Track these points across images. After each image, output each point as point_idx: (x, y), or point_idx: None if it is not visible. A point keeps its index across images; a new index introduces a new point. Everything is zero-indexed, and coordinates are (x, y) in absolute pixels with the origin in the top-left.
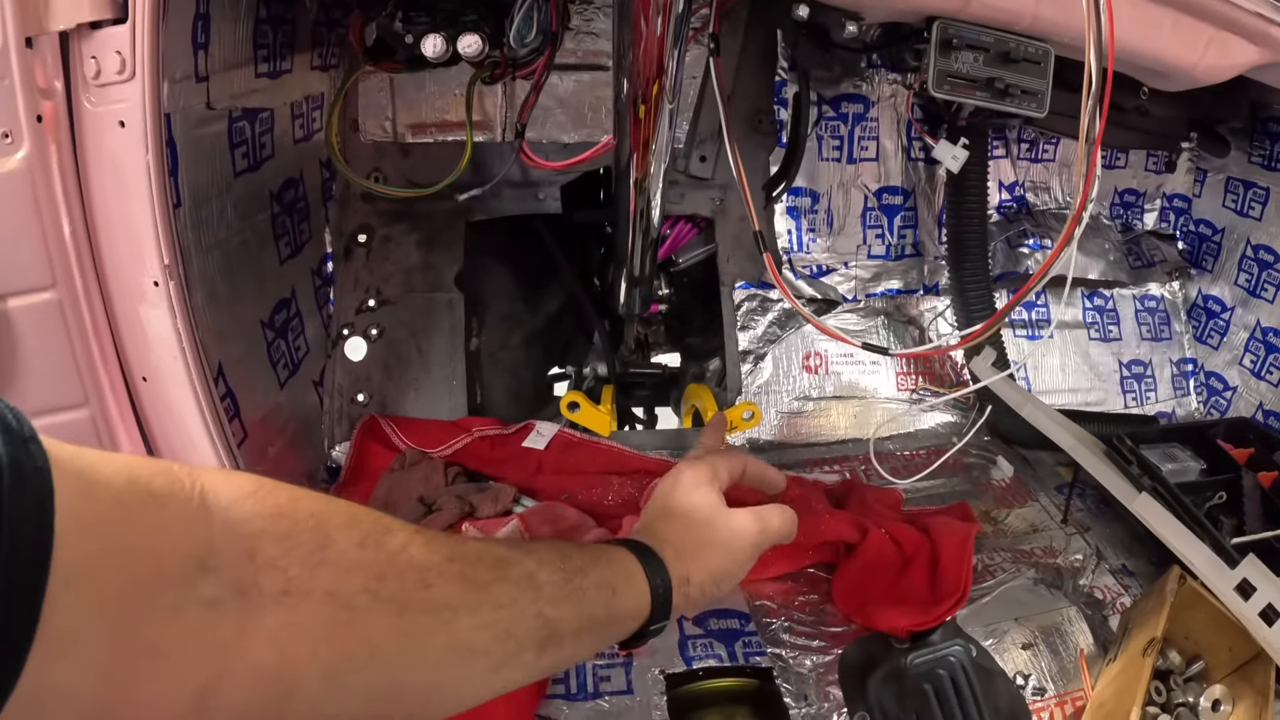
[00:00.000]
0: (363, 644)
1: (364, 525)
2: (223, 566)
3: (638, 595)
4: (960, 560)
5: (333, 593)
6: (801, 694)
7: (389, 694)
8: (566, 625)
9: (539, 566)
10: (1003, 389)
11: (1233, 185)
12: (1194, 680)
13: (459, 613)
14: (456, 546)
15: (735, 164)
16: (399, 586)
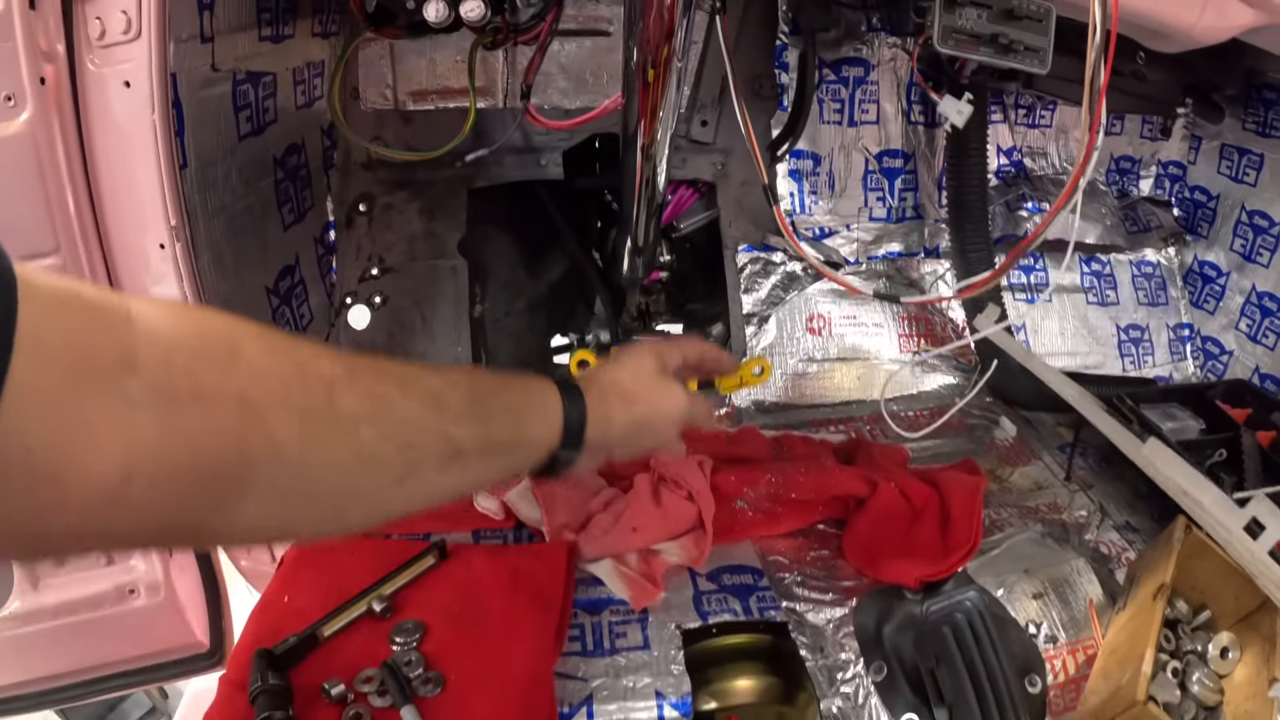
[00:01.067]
0: (268, 446)
1: (274, 338)
2: (143, 369)
3: (549, 422)
4: (970, 512)
5: (242, 396)
6: (817, 646)
7: (296, 497)
8: (470, 444)
9: (447, 387)
10: (1007, 343)
11: (1227, 152)
12: (1201, 629)
13: (361, 423)
14: (364, 362)
15: (743, 118)
16: (304, 395)
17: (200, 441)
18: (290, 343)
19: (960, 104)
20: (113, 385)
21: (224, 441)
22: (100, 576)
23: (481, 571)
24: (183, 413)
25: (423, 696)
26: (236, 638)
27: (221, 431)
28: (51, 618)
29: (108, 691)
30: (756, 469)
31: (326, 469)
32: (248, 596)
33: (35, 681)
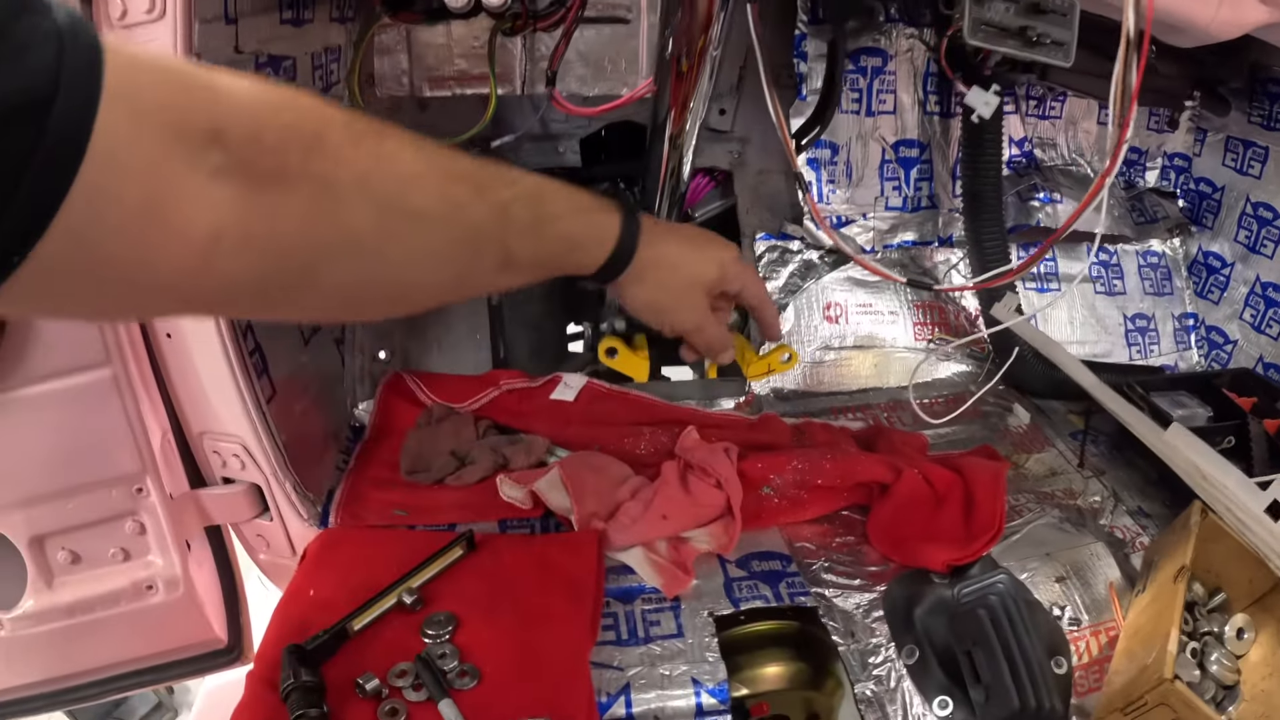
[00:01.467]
0: (345, 234)
1: (359, 126)
2: (230, 143)
3: (595, 259)
4: (994, 496)
5: (325, 181)
6: (848, 631)
7: (364, 282)
8: (523, 259)
9: (513, 200)
10: (1026, 331)
11: (1232, 144)
12: (1216, 611)
13: (434, 223)
14: (444, 161)
15: (774, 106)
16: (384, 188)
17: (281, 222)
18: (375, 134)
19: (988, 95)
20: (200, 155)
21: (303, 225)
22: (117, 573)
23: (511, 562)
24: (266, 191)
25: (459, 689)
26: (254, 633)
27: (301, 214)
28: (67, 616)
29: (125, 690)
30: (782, 456)
31: (396, 262)
32: (263, 591)
33: (52, 681)
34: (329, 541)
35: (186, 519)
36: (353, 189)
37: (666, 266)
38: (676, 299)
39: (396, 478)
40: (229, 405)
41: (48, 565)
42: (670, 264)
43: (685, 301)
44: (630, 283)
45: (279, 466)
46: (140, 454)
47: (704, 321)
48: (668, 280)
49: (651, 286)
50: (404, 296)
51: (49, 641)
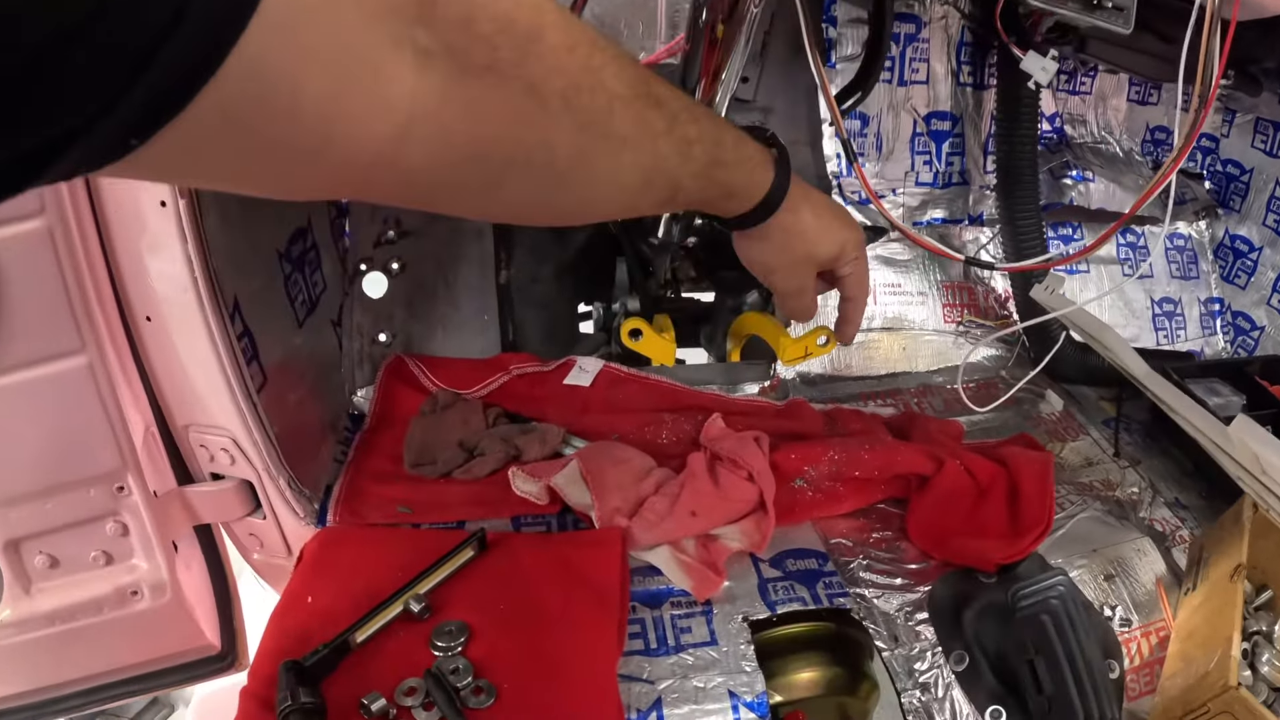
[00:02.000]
0: (543, 144)
1: (576, 32)
2: (440, 22)
3: (744, 205)
4: (1043, 490)
5: (533, 86)
6: (892, 635)
7: (550, 194)
8: (686, 196)
9: (698, 139)
10: (1081, 317)
11: (1262, 126)
12: (1263, 609)
13: (627, 147)
14: (644, 85)
15: (816, 68)
16: (590, 103)
17: (481, 122)
18: (588, 43)
19: (1045, 61)
20: (406, 30)
21: (504, 125)
22: (99, 578)
23: (528, 563)
24: (473, 82)
25: (474, 709)
26: (250, 637)
27: (505, 114)
28: (47, 624)
29: (113, 700)
30: (818, 446)
31: (581, 180)
32: (260, 592)
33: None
34: (327, 542)
35: (172, 518)
36: (560, 101)
37: (794, 233)
38: (788, 264)
39: (400, 471)
40: (216, 395)
41: (25, 571)
42: (798, 232)
43: (795, 268)
44: (756, 238)
45: (271, 461)
46: (120, 449)
47: (804, 288)
48: (790, 245)
49: (770, 247)
50: (574, 213)
51: (29, 651)
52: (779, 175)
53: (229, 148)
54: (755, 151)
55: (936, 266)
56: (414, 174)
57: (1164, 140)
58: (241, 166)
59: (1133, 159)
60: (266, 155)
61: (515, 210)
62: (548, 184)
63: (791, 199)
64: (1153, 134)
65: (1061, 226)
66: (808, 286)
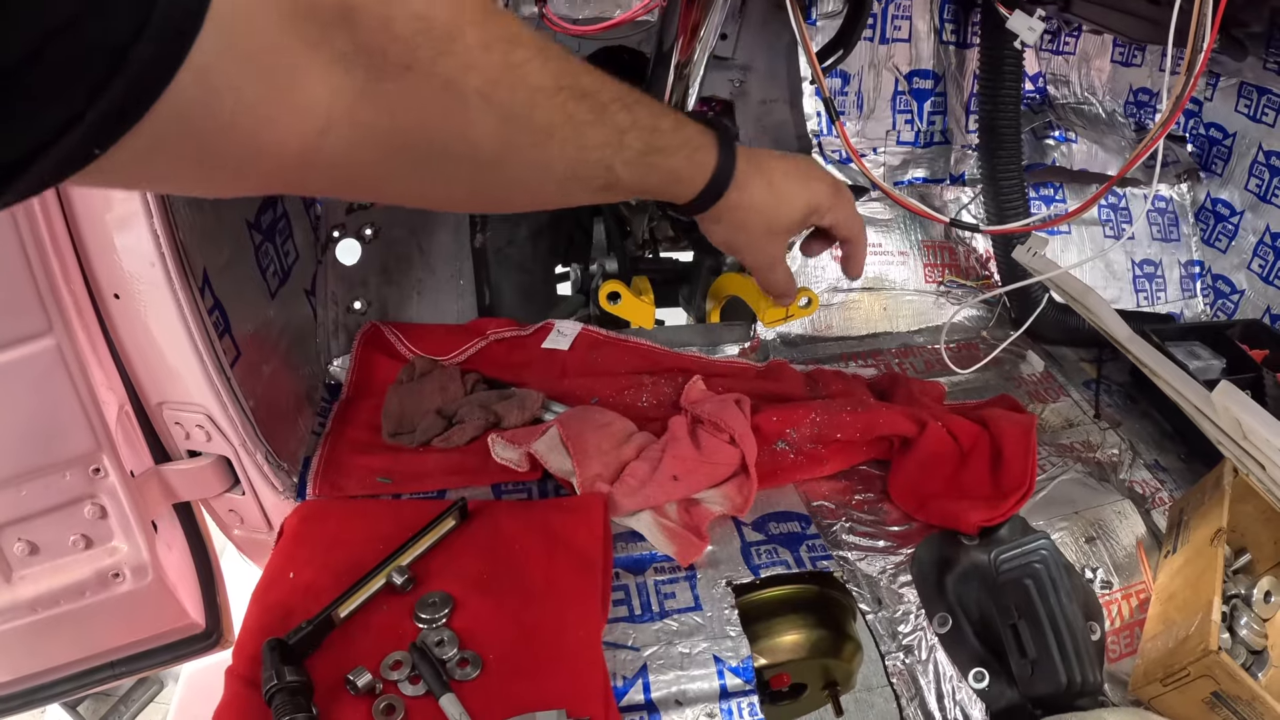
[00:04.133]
0: (463, 138)
1: (494, 30)
2: (360, 26)
3: (690, 190)
4: (1025, 452)
5: (451, 83)
6: (875, 598)
7: (475, 187)
8: (625, 185)
9: (631, 127)
10: (1064, 280)
11: (1246, 90)
12: (1241, 572)
13: (551, 139)
14: (569, 77)
15: (797, 24)
16: (510, 97)
17: (400, 117)
18: (507, 39)
19: (1032, 21)
20: (325, 37)
21: (424, 121)
22: (80, 562)
23: (510, 532)
24: (392, 81)
25: (460, 681)
26: (234, 613)
27: (424, 111)
28: (30, 612)
29: (101, 683)
30: (799, 408)
31: (508, 172)
32: (242, 567)
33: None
34: (307, 516)
35: (150, 498)
36: (478, 97)
37: (748, 210)
38: (751, 240)
39: (378, 441)
40: (189, 371)
41: (4, 559)
42: (753, 208)
43: (759, 244)
44: (710, 220)
45: (248, 436)
46: (94, 431)
47: (774, 261)
48: (746, 222)
49: (728, 227)
50: (506, 201)
51: (13, 640)
52: (723, 156)
53: (180, 152)
54: (695, 135)
55: (917, 226)
56: (338, 169)
57: (1147, 102)
58: (190, 170)
59: (1115, 120)
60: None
61: (445, 200)
62: (473, 175)
63: (741, 176)
64: (1135, 95)
65: (1043, 187)
66: (777, 258)
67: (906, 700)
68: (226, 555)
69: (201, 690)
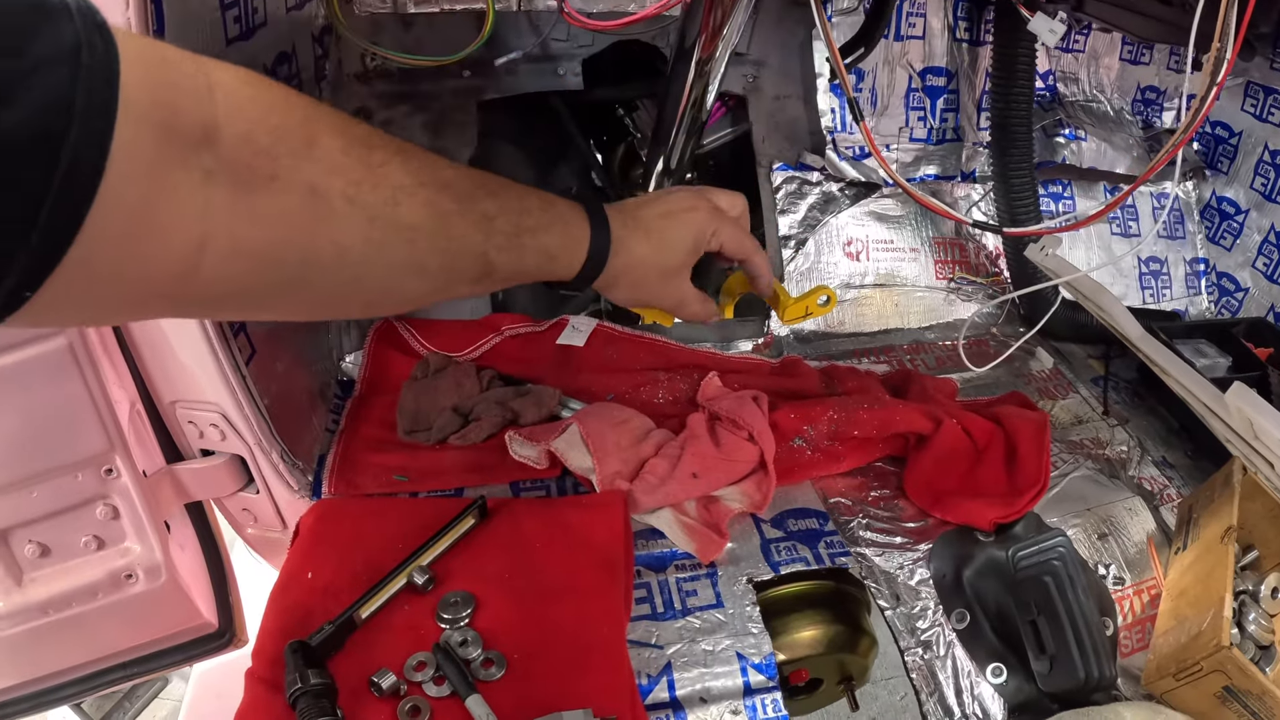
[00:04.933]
0: (333, 242)
1: (349, 135)
2: (222, 143)
3: (572, 265)
4: (1039, 450)
5: (315, 189)
6: (893, 594)
7: (348, 290)
8: (502, 271)
9: (498, 213)
10: (1079, 279)
11: (1253, 90)
12: (1249, 569)
13: (419, 234)
14: (429, 172)
15: (820, 19)
16: (374, 197)
17: (271, 225)
18: (364, 142)
19: (1053, 23)
20: (193, 156)
21: (292, 229)
22: (92, 563)
23: (531, 530)
24: (257, 194)
25: (484, 681)
26: (247, 612)
27: (291, 218)
28: (42, 614)
29: (114, 684)
30: (817, 405)
31: (380, 271)
32: (254, 565)
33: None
34: (324, 515)
35: (163, 498)
36: (343, 199)
37: (637, 267)
38: (651, 292)
39: (393, 438)
40: (203, 369)
41: (15, 561)
42: (639, 264)
43: (661, 292)
44: (606, 287)
45: (263, 434)
46: (106, 430)
47: (684, 299)
48: (641, 279)
49: (626, 287)
50: (383, 302)
51: (24, 642)
52: (595, 227)
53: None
54: (566, 210)
55: (929, 223)
56: (216, 284)
57: (1154, 100)
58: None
59: (1123, 118)
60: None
61: (326, 305)
62: (347, 279)
63: (617, 241)
64: (1143, 93)
65: (1051, 185)
66: (685, 295)
67: (926, 695)
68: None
69: (213, 689)
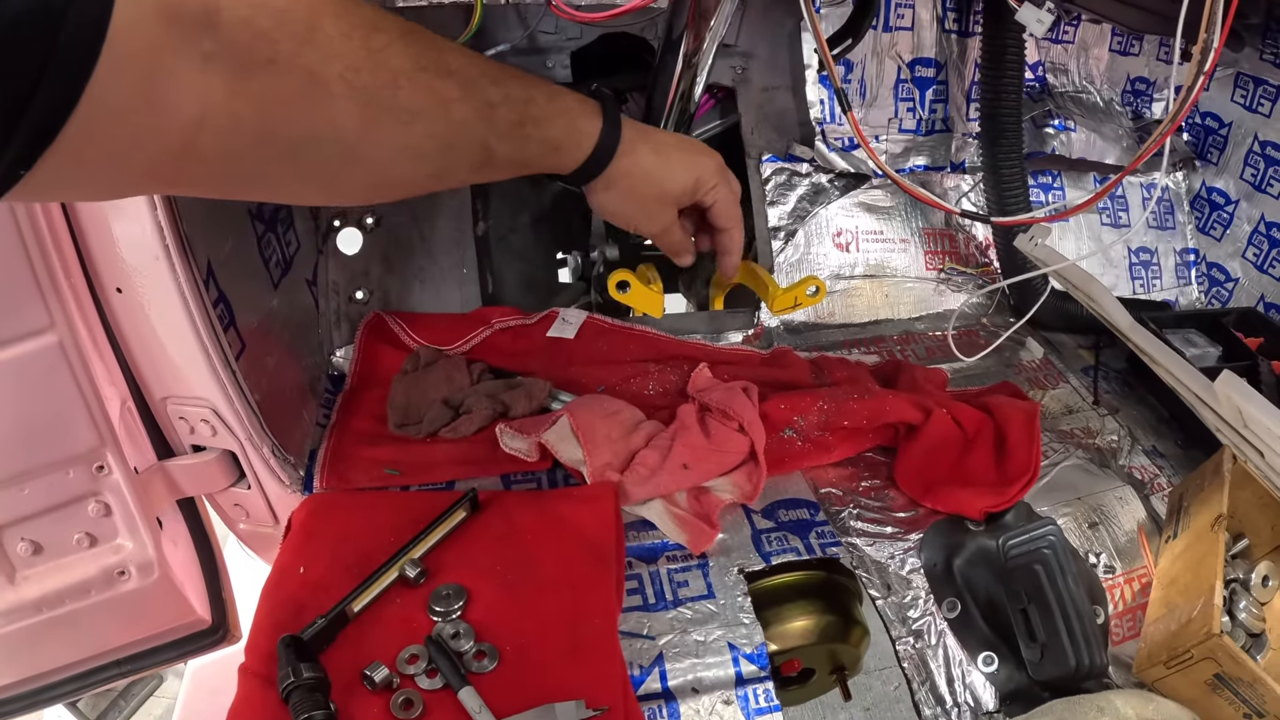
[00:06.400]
0: (329, 124)
1: (353, 18)
2: (223, 26)
3: (576, 156)
4: (1029, 439)
5: (313, 73)
6: (884, 583)
7: (341, 171)
8: (502, 159)
9: (501, 101)
10: (1068, 269)
11: (1242, 81)
12: (1239, 557)
13: (417, 118)
14: (433, 57)
15: (807, 8)
16: (372, 81)
17: (267, 107)
18: (366, 26)
19: (1041, 13)
20: (193, 39)
21: (289, 112)
22: (85, 561)
23: (522, 522)
24: (255, 77)
25: (477, 673)
26: (240, 607)
27: (288, 101)
28: (35, 612)
29: (109, 681)
30: (807, 396)
31: (378, 154)
32: (246, 560)
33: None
34: (315, 509)
35: (155, 494)
36: (341, 83)
37: (638, 176)
38: (641, 207)
39: (384, 431)
40: (194, 365)
41: (8, 559)
42: (642, 174)
43: (650, 211)
44: (600, 189)
45: (254, 429)
46: (97, 427)
47: (668, 228)
48: (637, 188)
49: (619, 194)
50: (382, 185)
51: (18, 641)
52: (607, 122)
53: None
54: (574, 104)
55: (918, 213)
56: (214, 163)
57: (1144, 91)
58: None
59: (1112, 109)
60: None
61: (323, 187)
62: (343, 159)
63: (627, 143)
64: (1133, 84)
65: (1041, 175)
66: (670, 225)
67: (918, 684)
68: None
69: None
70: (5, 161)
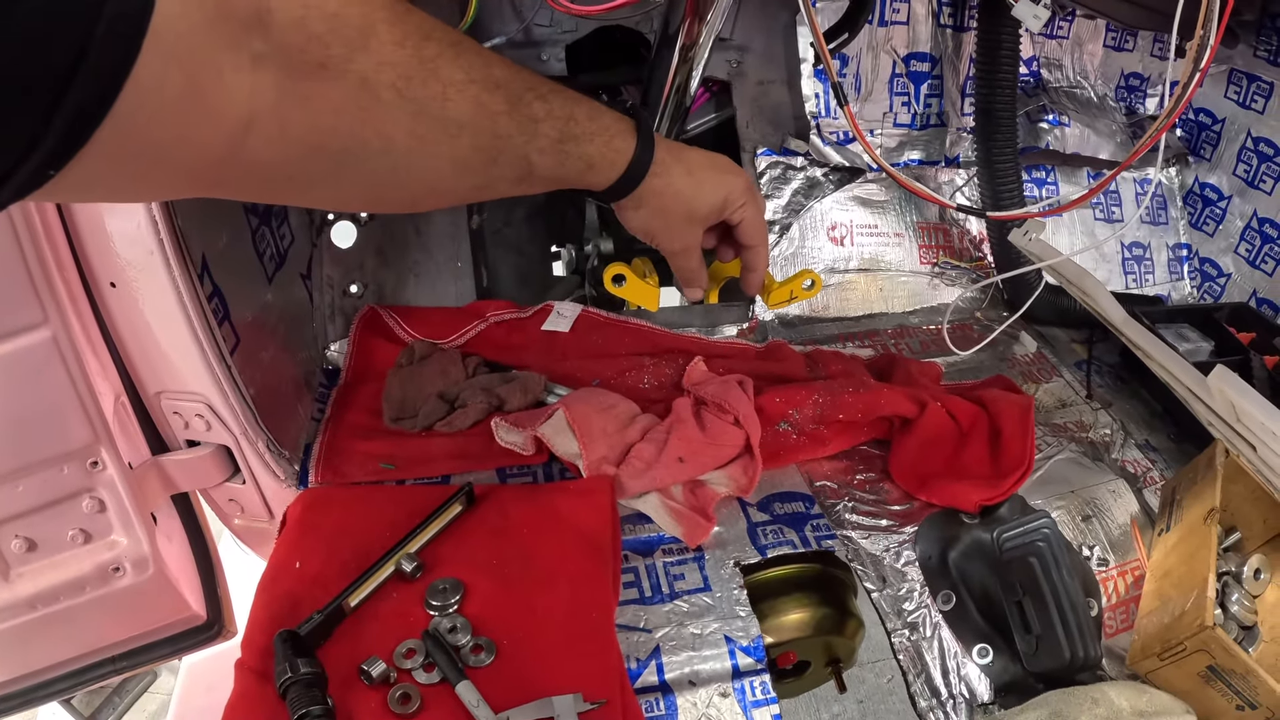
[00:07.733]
0: (378, 133)
1: (406, 26)
2: (275, 27)
3: (609, 175)
4: (1024, 433)
5: (365, 80)
6: (879, 576)
7: (387, 181)
8: (541, 175)
9: (546, 117)
10: (1062, 263)
11: (1236, 77)
12: (1231, 550)
13: (465, 131)
14: (481, 69)
15: (806, 7)
16: (423, 92)
17: (316, 115)
18: (418, 35)
19: (1037, 9)
20: (243, 38)
21: (339, 119)
22: (79, 557)
23: (518, 515)
24: (307, 79)
25: (474, 667)
26: (235, 603)
27: (339, 108)
28: (29, 609)
29: (104, 678)
30: (802, 389)
31: (424, 165)
32: (242, 556)
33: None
34: (311, 504)
35: (149, 490)
36: (392, 91)
37: (669, 195)
38: (670, 226)
39: (379, 426)
40: (188, 360)
41: (2, 557)
42: (673, 193)
43: (676, 230)
44: (630, 206)
45: (249, 424)
46: (91, 423)
47: (689, 248)
48: (667, 207)
49: (649, 212)
50: (427, 196)
51: (12, 638)
52: (641, 142)
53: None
54: (613, 122)
55: (913, 208)
56: (259, 167)
57: (1138, 87)
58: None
59: (1106, 105)
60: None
61: (364, 197)
62: (389, 169)
63: (659, 163)
64: (1127, 80)
65: (1035, 170)
66: (691, 246)
67: (913, 677)
68: (222, 543)
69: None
70: (35, 161)
